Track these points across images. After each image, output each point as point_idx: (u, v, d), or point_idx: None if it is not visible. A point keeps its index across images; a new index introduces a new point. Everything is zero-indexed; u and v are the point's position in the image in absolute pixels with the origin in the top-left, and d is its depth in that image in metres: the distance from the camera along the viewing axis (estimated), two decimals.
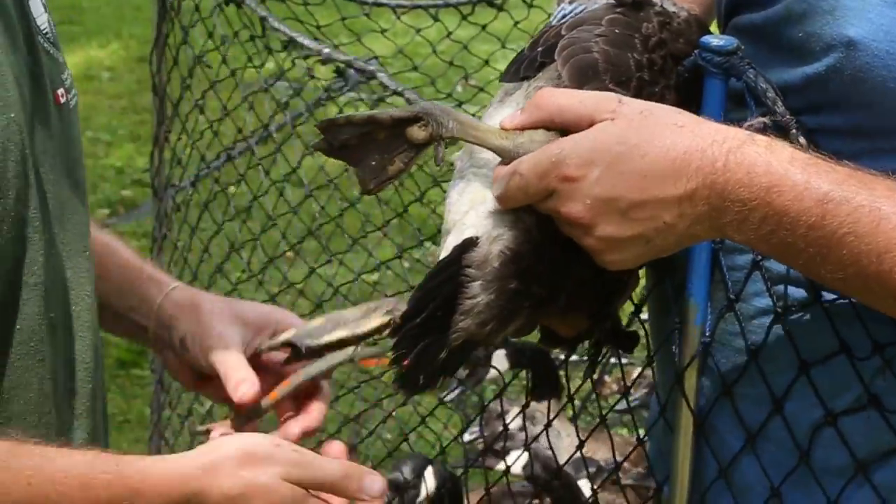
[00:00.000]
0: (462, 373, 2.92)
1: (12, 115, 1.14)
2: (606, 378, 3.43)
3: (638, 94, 1.20)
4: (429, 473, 2.70)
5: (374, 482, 1.23)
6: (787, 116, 1.21)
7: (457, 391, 3.09)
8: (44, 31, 1.25)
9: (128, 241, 4.74)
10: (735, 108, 1.25)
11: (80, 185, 1.30)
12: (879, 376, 1.24)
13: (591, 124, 1.14)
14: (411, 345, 1.21)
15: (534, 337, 1.36)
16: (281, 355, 1.40)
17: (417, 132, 1.24)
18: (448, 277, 1.22)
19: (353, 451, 3.28)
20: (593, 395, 3.03)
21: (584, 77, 1.21)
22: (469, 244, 1.23)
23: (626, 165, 1.11)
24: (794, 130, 1.20)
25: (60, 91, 1.26)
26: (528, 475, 2.54)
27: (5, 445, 1.09)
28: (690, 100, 1.24)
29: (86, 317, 1.27)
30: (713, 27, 1.38)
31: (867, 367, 1.24)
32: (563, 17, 1.31)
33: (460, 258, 1.22)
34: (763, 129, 1.19)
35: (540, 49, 1.28)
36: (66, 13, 7.29)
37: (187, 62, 2.59)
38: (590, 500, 2.14)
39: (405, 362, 1.20)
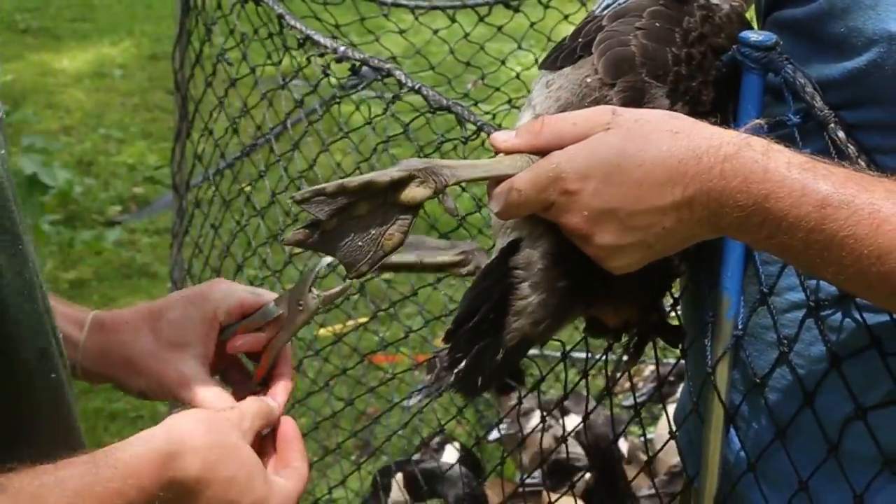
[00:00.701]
0: (428, 379, 2.94)
1: (3, 151, 1.08)
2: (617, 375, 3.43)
3: (675, 89, 1.21)
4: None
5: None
6: (826, 111, 1.22)
7: (419, 397, 3.11)
8: None
9: (140, 238, 4.69)
10: (774, 103, 1.26)
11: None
12: None
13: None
14: (466, 348, 1.22)
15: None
16: (247, 339, 1.34)
17: (419, 191, 1.17)
18: (497, 280, 1.22)
19: (367, 447, 3.29)
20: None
21: (620, 70, 1.22)
22: (514, 246, 1.24)
23: (623, 176, 1.12)
24: (832, 125, 1.21)
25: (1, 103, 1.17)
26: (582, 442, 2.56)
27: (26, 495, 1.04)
28: (728, 94, 1.25)
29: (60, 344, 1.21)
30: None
31: None
32: (608, 6, 1.31)
33: (507, 260, 1.23)
34: (761, 131, 1.19)
35: (580, 41, 1.28)
36: (78, 11, 7.31)
37: (211, 59, 2.60)
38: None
39: (460, 366, 1.21)
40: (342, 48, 2.11)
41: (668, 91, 1.21)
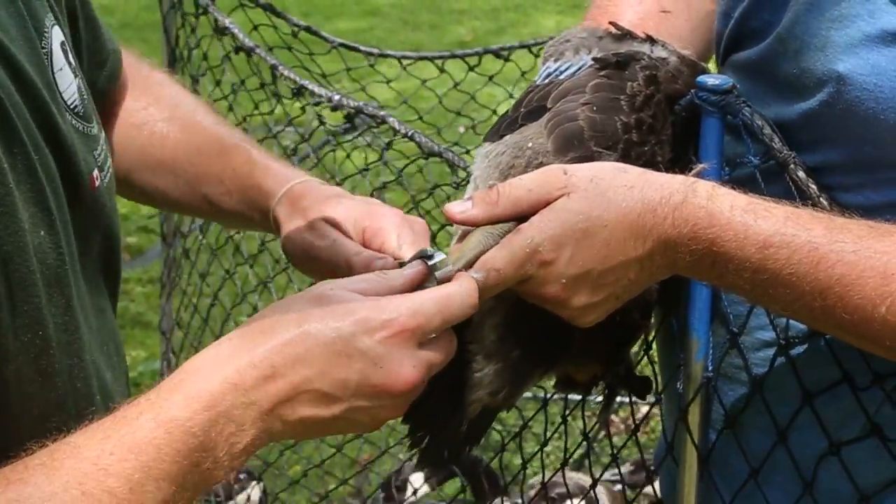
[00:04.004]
0: (380, 495, 2.97)
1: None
2: (614, 418, 3.44)
3: (626, 156, 1.22)
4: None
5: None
6: (785, 152, 1.24)
7: None
8: (72, 106, 1.17)
9: (133, 287, 4.68)
10: (737, 145, 1.28)
11: (105, 272, 1.21)
12: (885, 406, 1.26)
13: (547, 203, 1.15)
14: (427, 426, 1.23)
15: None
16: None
17: None
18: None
19: (360, 494, 3.28)
20: (600, 435, 3.05)
21: (570, 145, 1.22)
22: (465, 321, 1.22)
23: (591, 239, 1.14)
24: (791, 165, 1.23)
25: (94, 173, 1.17)
26: None
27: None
28: (687, 143, 1.27)
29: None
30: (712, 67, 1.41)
31: (872, 398, 1.26)
32: (549, 75, 1.32)
33: (460, 335, 1.21)
34: (719, 173, 1.21)
35: (522, 111, 1.28)
36: None
37: None
38: None
39: (423, 444, 1.23)
40: (337, 97, 2.14)
41: (619, 158, 1.21)
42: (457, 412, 1.23)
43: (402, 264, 1.17)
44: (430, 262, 1.11)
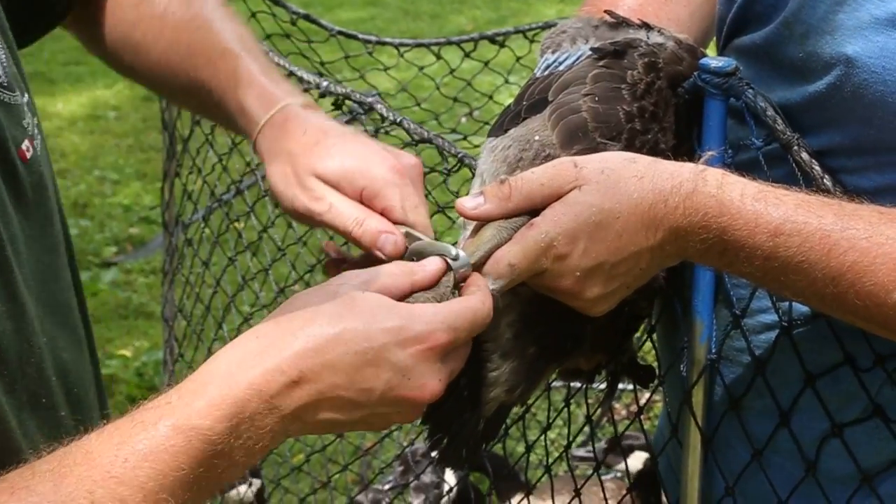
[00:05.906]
0: (398, 469, 2.99)
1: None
2: (616, 404, 3.45)
3: (630, 145, 1.22)
4: (448, 474, 2.77)
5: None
6: (789, 133, 1.24)
7: (391, 483, 3.15)
8: None
9: (136, 278, 4.68)
10: (739, 128, 1.28)
11: (57, 245, 1.17)
12: (886, 386, 1.26)
13: (559, 197, 1.15)
14: (445, 426, 1.23)
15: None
16: None
17: None
18: (468, 356, 1.21)
19: (362, 481, 3.29)
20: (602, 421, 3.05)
21: (575, 138, 1.21)
22: None
23: (605, 231, 1.14)
24: (795, 147, 1.23)
25: (25, 145, 1.11)
26: None
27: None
28: (690, 127, 1.27)
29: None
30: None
31: (874, 379, 1.26)
32: (548, 66, 1.31)
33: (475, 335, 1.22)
34: (725, 158, 1.21)
35: (524, 104, 1.28)
36: (71, 54, 7.35)
37: None
38: None
39: (442, 444, 1.23)
40: (325, 83, 2.13)
41: (623, 147, 1.21)
42: (474, 411, 1.24)
43: (407, 234, 1.18)
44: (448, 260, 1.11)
